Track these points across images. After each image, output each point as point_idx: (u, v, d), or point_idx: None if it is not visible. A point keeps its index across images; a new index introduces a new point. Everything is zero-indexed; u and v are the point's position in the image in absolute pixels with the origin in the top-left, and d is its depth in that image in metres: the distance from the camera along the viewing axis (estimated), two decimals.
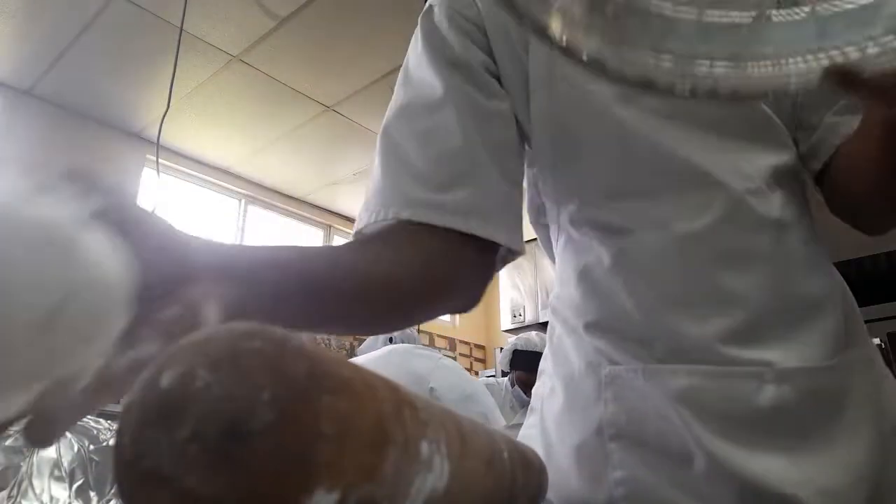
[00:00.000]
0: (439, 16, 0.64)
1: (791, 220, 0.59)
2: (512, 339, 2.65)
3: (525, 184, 0.69)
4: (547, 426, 0.66)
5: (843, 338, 0.58)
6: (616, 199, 0.60)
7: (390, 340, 2.15)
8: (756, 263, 0.57)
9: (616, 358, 0.59)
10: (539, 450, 0.61)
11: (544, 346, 0.73)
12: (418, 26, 0.65)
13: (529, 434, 0.69)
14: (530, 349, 2.42)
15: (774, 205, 0.58)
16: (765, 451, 0.53)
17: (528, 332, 2.64)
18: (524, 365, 2.38)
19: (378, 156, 0.61)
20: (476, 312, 6.11)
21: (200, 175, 4.03)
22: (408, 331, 2.17)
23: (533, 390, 0.73)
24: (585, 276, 0.62)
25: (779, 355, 0.55)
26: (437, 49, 0.62)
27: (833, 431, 0.54)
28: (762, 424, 0.54)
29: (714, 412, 0.54)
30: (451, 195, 0.56)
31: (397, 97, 0.63)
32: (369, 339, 2.26)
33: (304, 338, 0.21)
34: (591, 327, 0.62)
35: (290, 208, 4.50)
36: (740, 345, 0.55)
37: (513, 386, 2.45)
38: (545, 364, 0.71)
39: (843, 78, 0.37)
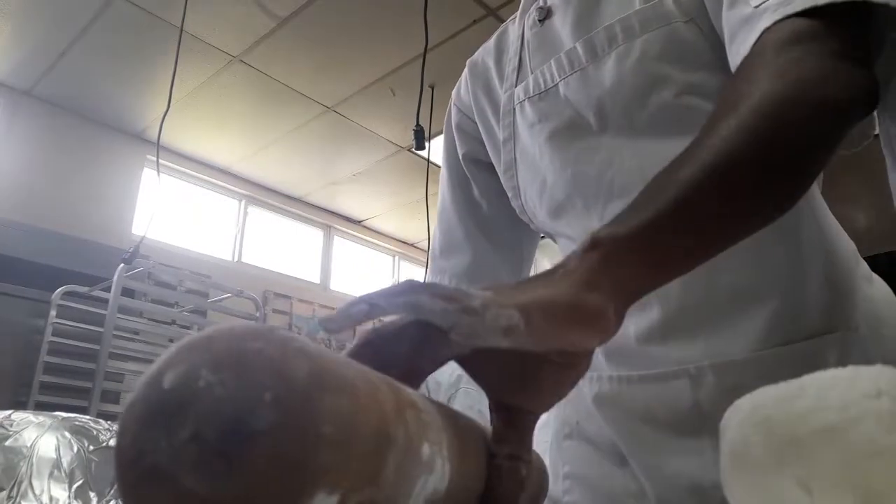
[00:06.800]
0: (448, 120, 0.80)
1: None
2: None
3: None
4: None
5: (788, 327, 0.53)
6: (553, 217, 0.67)
7: None
8: None
9: None
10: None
11: None
12: (444, 124, 0.82)
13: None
14: None
15: None
16: (674, 452, 0.55)
17: None
18: None
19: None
20: None
21: (200, 175, 4.03)
22: None
23: None
24: None
25: (694, 352, 0.55)
26: (450, 159, 0.80)
27: None
28: (677, 425, 0.56)
29: (630, 415, 0.59)
30: (449, 262, 0.78)
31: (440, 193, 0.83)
32: None
33: (306, 338, 0.21)
34: None
35: (290, 208, 4.49)
36: (657, 343, 0.57)
37: None
38: None
39: None
